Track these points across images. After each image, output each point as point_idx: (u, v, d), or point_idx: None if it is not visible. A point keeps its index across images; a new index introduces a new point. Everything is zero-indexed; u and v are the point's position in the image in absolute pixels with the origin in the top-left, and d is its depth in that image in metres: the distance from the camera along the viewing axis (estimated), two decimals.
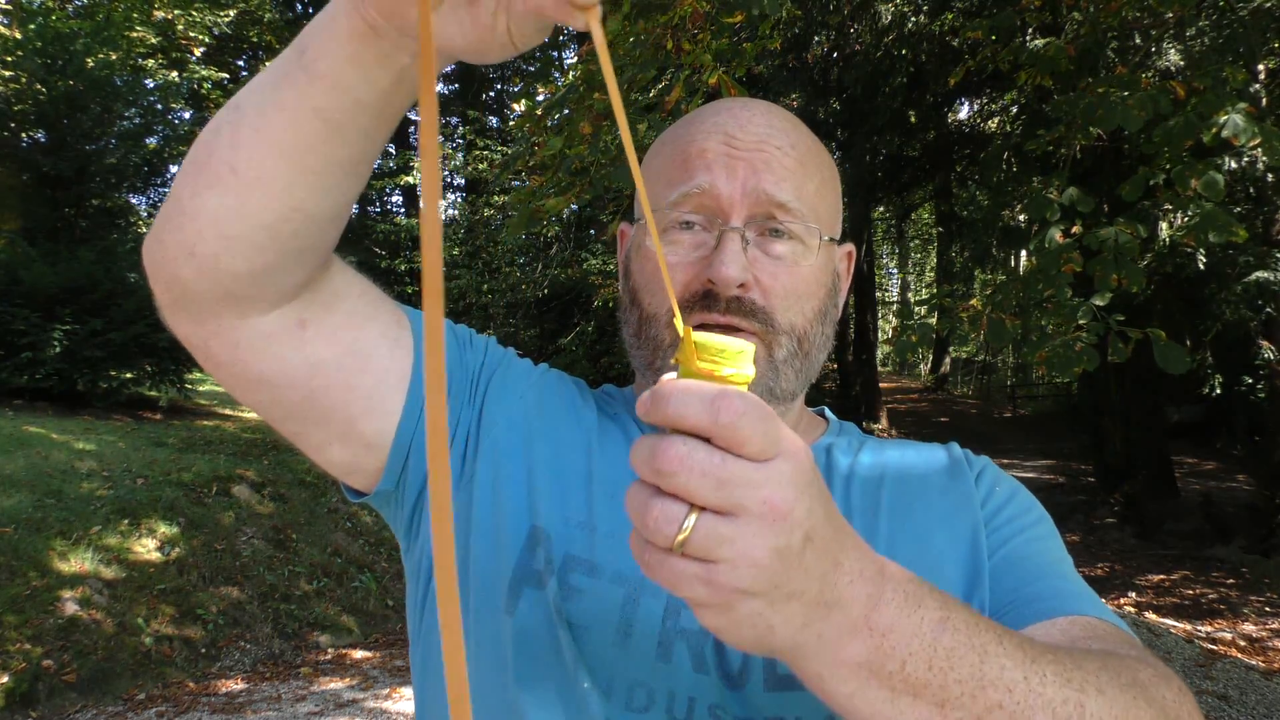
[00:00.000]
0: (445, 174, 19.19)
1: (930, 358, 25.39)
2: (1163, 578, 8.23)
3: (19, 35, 10.16)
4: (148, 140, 10.90)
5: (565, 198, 4.44)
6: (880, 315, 22.17)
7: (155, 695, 4.94)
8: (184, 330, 0.71)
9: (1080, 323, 3.68)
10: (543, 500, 0.78)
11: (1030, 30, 7.20)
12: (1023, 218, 8.52)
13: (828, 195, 0.84)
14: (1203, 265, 8.21)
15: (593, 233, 12.51)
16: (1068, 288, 3.85)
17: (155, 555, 5.91)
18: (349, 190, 0.65)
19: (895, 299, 31.04)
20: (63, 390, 8.54)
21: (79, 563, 5.43)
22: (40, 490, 6.04)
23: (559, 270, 12.94)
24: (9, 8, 12.36)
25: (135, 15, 14.61)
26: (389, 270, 15.69)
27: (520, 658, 0.73)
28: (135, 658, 5.12)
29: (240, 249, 0.64)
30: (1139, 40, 5.84)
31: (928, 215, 22.93)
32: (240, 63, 18.96)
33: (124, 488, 6.47)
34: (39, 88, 9.54)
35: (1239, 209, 8.20)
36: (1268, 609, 7.07)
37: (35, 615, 4.91)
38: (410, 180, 17.77)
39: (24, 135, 9.85)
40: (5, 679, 4.51)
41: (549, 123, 4.59)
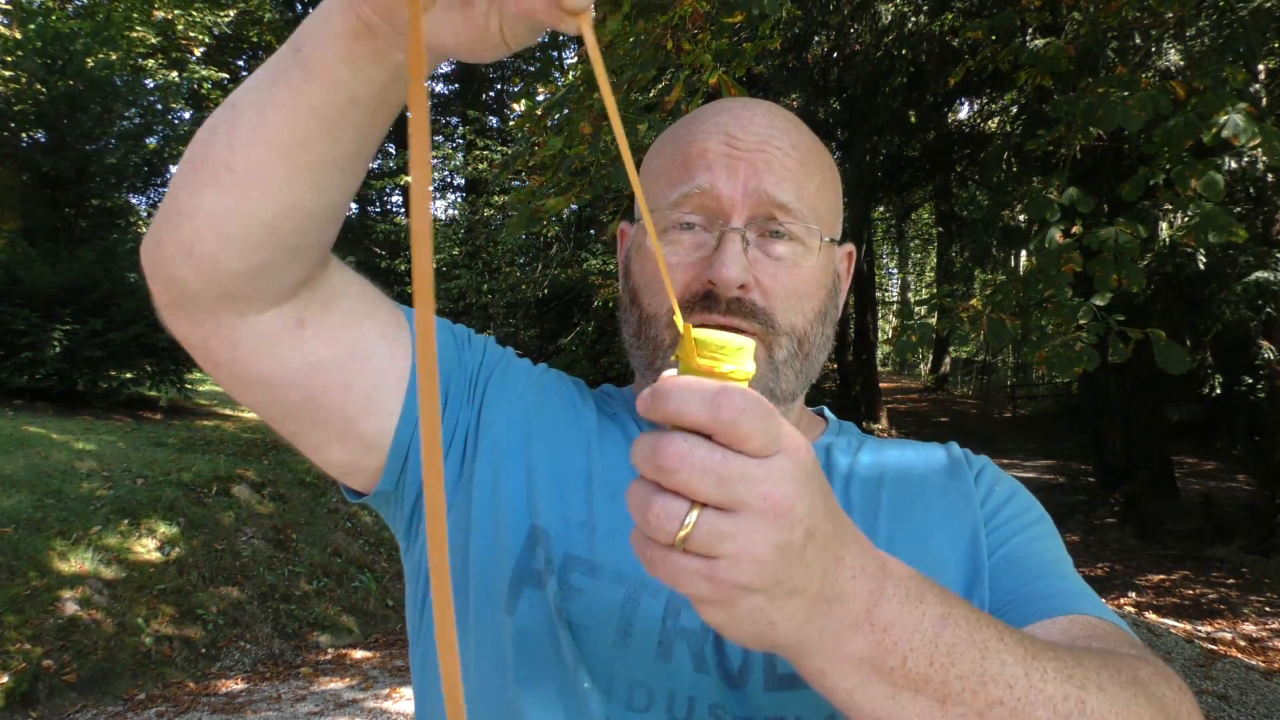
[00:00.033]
0: (445, 174, 19.18)
1: (930, 358, 25.38)
2: (1163, 578, 8.22)
3: (19, 35, 10.16)
4: (148, 140, 10.90)
5: (565, 198, 4.44)
6: (880, 315, 22.17)
7: (155, 695, 4.94)
8: (182, 330, 0.71)
9: (1080, 323, 3.68)
10: (542, 500, 0.78)
11: (1030, 30, 7.20)
12: (1023, 218, 8.51)
13: (828, 196, 0.84)
14: (1203, 265, 8.21)
15: (593, 233, 12.50)
16: (1068, 288, 3.85)
17: (155, 555, 5.90)
18: (346, 187, 0.65)
19: (895, 299, 31.03)
20: (63, 390, 8.54)
21: (79, 563, 5.43)
22: (40, 490, 6.04)
23: (559, 270, 12.93)
24: (9, 8, 12.36)
25: (135, 15, 14.60)
26: (389, 270, 15.68)
27: (520, 657, 0.73)
28: (135, 658, 5.12)
29: (238, 247, 0.64)
30: (1139, 40, 5.84)
31: (928, 215, 22.92)
32: (240, 63, 18.96)
33: (124, 488, 6.47)
34: (39, 88, 9.54)
35: (1239, 209, 8.19)
36: (1268, 609, 7.07)
37: (35, 615, 4.91)
38: (410, 180, 17.75)
39: (24, 135, 9.85)
40: (5, 679, 4.51)
41: (549, 123, 4.59)
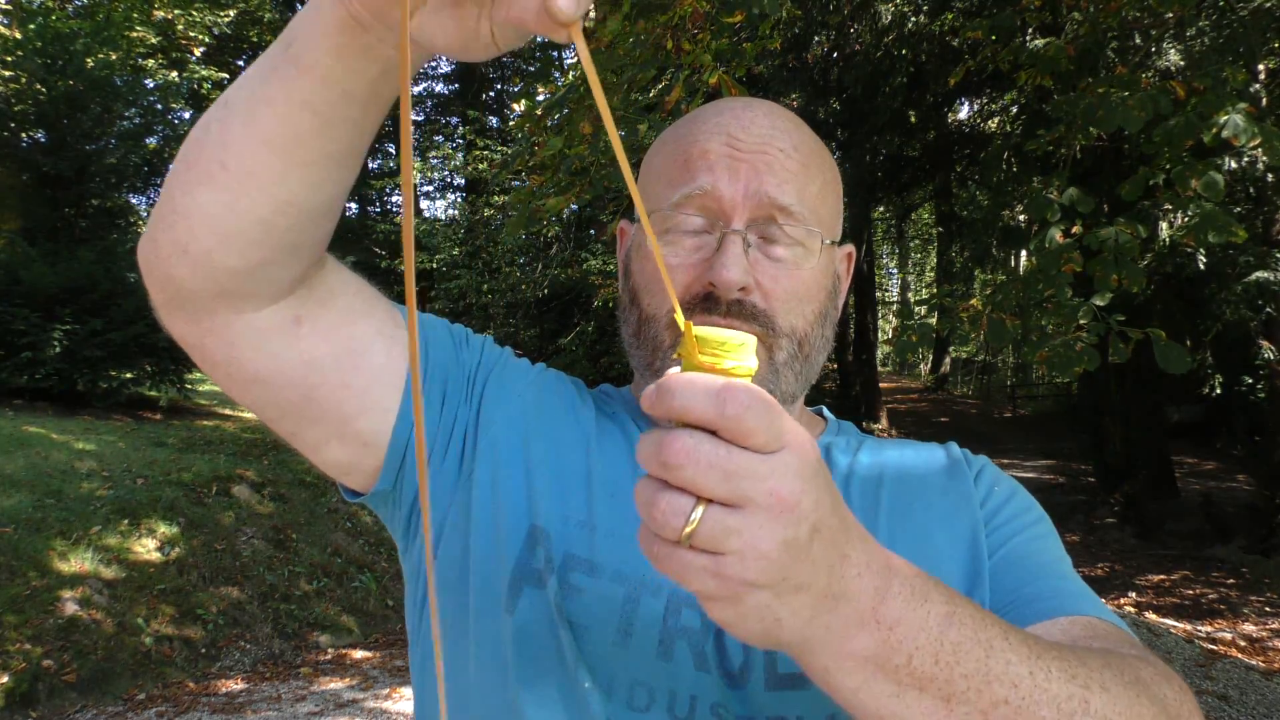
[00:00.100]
0: (445, 174, 19.18)
1: (930, 358, 25.38)
2: (1163, 578, 8.22)
3: (19, 35, 10.16)
4: (148, 140, 10.90)
5: (565, 198, 4.44)
6: (880, 315, 22.16)
7: (155, 695, 4.94)
8: (179, 329, 0.71)
9: (1080, 323, 3.68)
10: (542, 499, 0.78)
11: (1030, 30, 7.20)
12: (1023, 218, 8.51)
13: (829, 197, 0.84)
14: (1203, 265, 8.20)
15: (593, 233, 12.50)
16: (1068, 288, 3.84)
17: (155, 555, 5.90)
18: (341, 183, 0.65)
19: (895, 299, 31.02)
20: (63, 390, 8.54)
21: (79, 563, 5.43)
22: (40, 490, 6.04)
23: (559, 270, 12.92)
24: (9, 8, 12.36)
25: (135, 15, 14.61)
26: (389, 270, 15.68)
27: (520, 657, 0.73)
28: (135, 658, 5.12)
29: (234, 245, 0.64)
30: (1139, 40, 5.83)
31: (928, 215, 22.91)
32: (240, 63, 18.96)
33: (124, 488, 6.47)
34: (39, 88, 9.53)
35: (1239, 209, 8.19)
36: (1268, 609, 7.07)
37: (35, 615, 4.91)
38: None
39: (24, 135, 9.85)
40: (5, 679, 4.51)
41: (549, 123, 4.59)
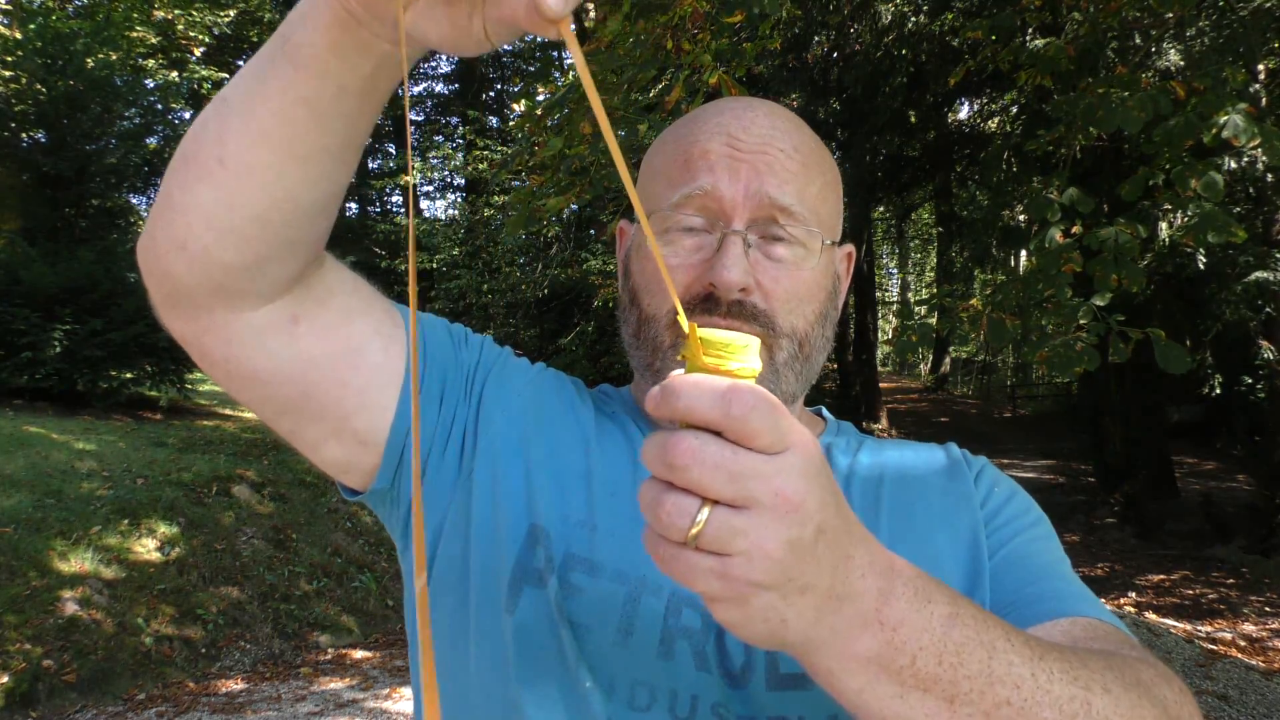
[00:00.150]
0: (445, 174, 19.18)
1: (930, 358, 25.38)
2: (1163, 578, 8.22)
3: (19, 35, 10.16)
4: (148, 140, 10.91)
5: (565, 198, 4.43)
6: (880, 315, 22.16)
7: (155, 695, 4.94)
8: (178, 327, 0.71)
9: (1080, 323, 3.68)
10: (541, 498, 0.78)
11: (1030, 30, 7.20)
12: (1023, 218, 8.51)
13: (829, 198, 0.84)
14: (1203, 265, 8.20)
15: (593, 233, 12.49)
16: (1068, 288, 3.84)
17: (155, 555, 5.90)
18: (338, 178, 0.65)
19: (895, 299, 31.02)
20: (63, 390, 8.54)
21: (79, 563, 5.43)
22: (40, 490, 6.04)
23: (559, 270, 12.92)
24: (9, 8, 12.36)
25: (135, 15, 14.61)
26: (389, 270, 15.69)
27: (521, 656, 0.73)
28: (135, 658, 5.12)
29: (231, 241, 0.64)
30: (1139, 40, 5.83)
31: (928, 215, 22.91)
32: (240, 63, 18.92)
33: (124, 488, 6.47)
34: (39, 88, 9.53)
35: (1239, 209, 8.19)
36: (1268, 609, 7.07)
37: (35, 615, 4.91)
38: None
39: (24, 135, 9.85)
40: (5, 679, 4.51)
41: (549, 123, 4.58)
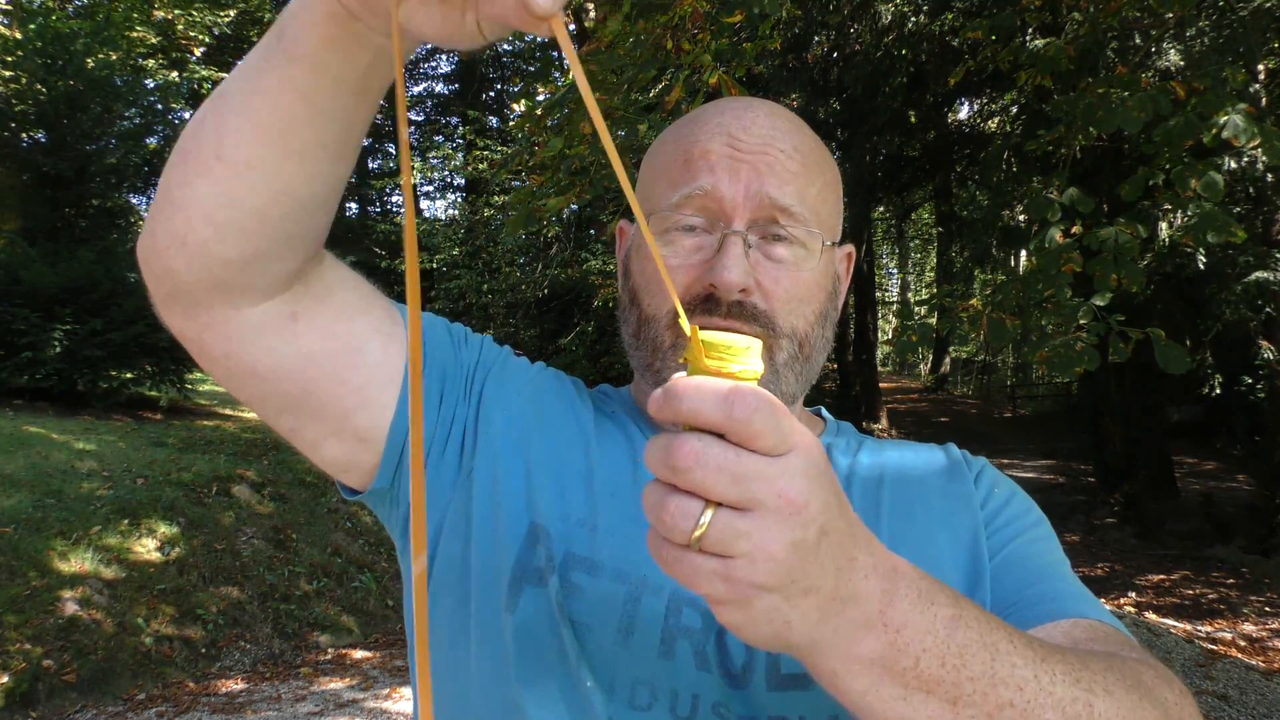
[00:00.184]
0: (445, 174, 19.17)
1: (930, 358, 25.38)
2: (1163, 578, 8.22)
3: (19, 35, 10.16)
4: (148, 140, 10.91)
5: (565, 198, 4.43)
6: (880, 315, 22.16)
7: (155, 695, 4.94)
8: (178, 324, 0.71)
9: (1080, 323, 3.68)
10: (542, 497, 0.78)
11: (1030, 30, 7.19)
12: (1023, 218, 8.50)
13: (830, 198, 0.84)
14: (1203, 265, 8.20)
15: (593, 233, 12.49)
16: (1068, 288, 3.84)
17: (155, 555, 5.90)
18: (336, 172, 0.65)
19: (895, 299, 31.01)
20: (63, 390, 8.54)
21: (79, 563, 5.43)
22: (40, 490, 6.04)
23: (559, 270, 12.91)
24: (9, 8, 12.36)
25: (135, 15, 14.61)
26: (389, 270, 15.69)
27: (522, 656, 0.73)
28: (135, 658, 5.12)
29: (230, 236, 0.64)
30: (1139, 40, 5.83)
31: (928, 215, 22.91)
32: (240, 63, 18.98)
33: (124, 488, 6.47)
34: (39, 88, 9.54)
35: (1239, 209, 8.19)
36: (1268, 609, 7.07)
37: (35, 615, 4.91)
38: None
39: (24, 135, 9.85)
40: (5, 679, 4.51)
41: (549, 123, 4.58)
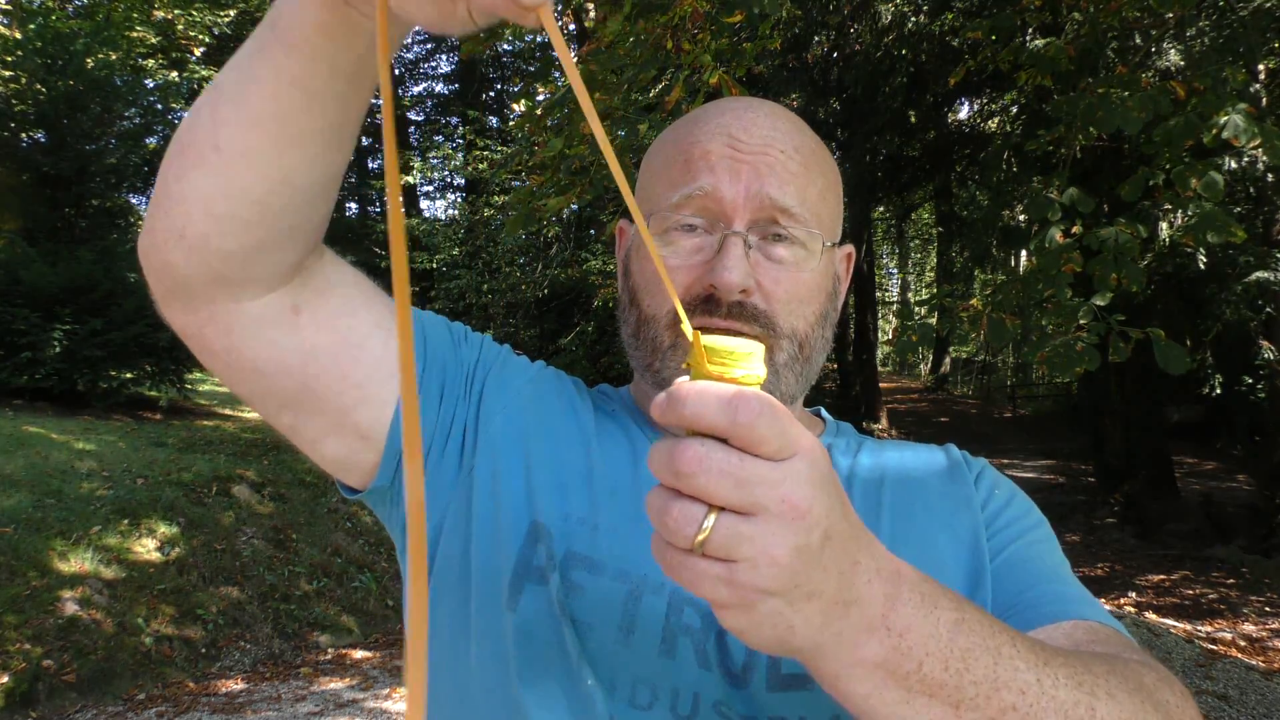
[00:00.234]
0: (445, 174, 19.18)
1: (930, 358, 25.38)
2: (1163, 578, 8.22)
3: (19, 35, 10.16)
4: (148, 140, 10.89)
5: (565, 198, 4.43)
6: (880, 315, 22.16)
7: (155, 695, 4.94)
8: (179, 320, 0.71)
9: (1080, 323, 3.68)
10: (543, 496, 0.78)
11: (1030, 30, 7.20)
12: (1023, 218, 8.51)
13: (830, 199, 0.84)
14: (1203, 265, 8.20)
15: (593, 233, 12.50)
16: (1068, 288, 3.85)
17: (155, 555, 5.90)
18: (333, 161, 0.65)
19: (895, 299, 31.00)
20: (63, 390, 8.54)
21: (79, 563, 5.43)
22: (40, 490, 6.04)
23: (559, 270, 12.92)
24: (9, 8, 12.36)
25: (135, 15, 14.61)
26: (389, 270, 15.64)
27: (523, 654, 0.73)
28: (135, 658, 5.12)
29: (229, 227, 0.63)
30: (1139, 40, 5.82)
31: (928, 215, 22.91)
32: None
33: (124, 488, 6.46)
34: (39, 88, 9.53)
35: (1239, 209, 8.19)
36: (1268, 609, 7.07)
37: (35, 615, 4.91)
38: (410, 180, 17.77)
39: (24, 135, 9.84)
40: (5, 679, 4.51)
41: (549, 123, 4.58)
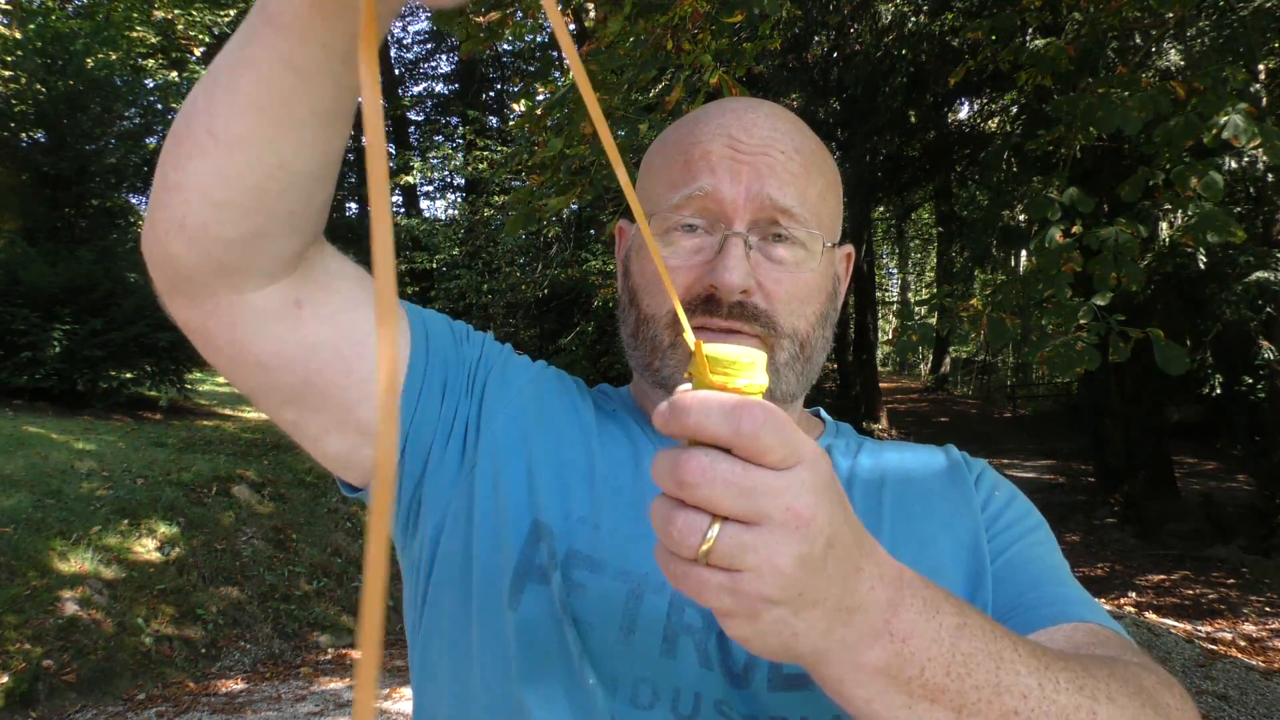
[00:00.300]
0: (445, 174, 19.17)
1: (930, 358, 25.39)
2: (1163, 578, 8.22)
3: (19, 35, 10.16)
4: (148, 140, 10.89)
5: (565, 198, 4.43)
6: (880, 315, 22.16)
7: (155, 695, 4.94)
8: (183, 314, 0.70)
9: (1080, 323, 3.68)
10: (544, 494, 0.78)
11: (1030, 30, 7.20)
12: (1023, 218, 8.51)
13: (830, 199, 0.84)
14: (1203, 265, 8.20)
15: (593, 233, 12.50)
16: (1068, 288, 3.85)
17: (155, 555, 5.90)
18: (331, 144, 0.64)
19: (895, 299, 31.01)
20: (63, 390, 8.54)
21: (79, 563, 5.43)
22: (40, 490, 6.04)
23: (559, 270, 12.92)
24: (9, 8, 12.36)
25: (135, 15, 14.60)
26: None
27: (524, 653, 0.73)
28: (135, 658, 5.12)
29: (229, 215, 0.63)
30: (1139, 40, 5.83)
31: (928, 215, 22.91)
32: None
33: (124, 488, 6.46)
34: (39, 88, 9.54)
35: (1239, 209, 8.20)
36: (1268, 609, 7.07)
37: (35, 615, 4.91)
38: (410, 180, 17.75)
39: (24, 135, 9.85)
40: (5, 679, 4.51)
41: (549, 123, 4.58)
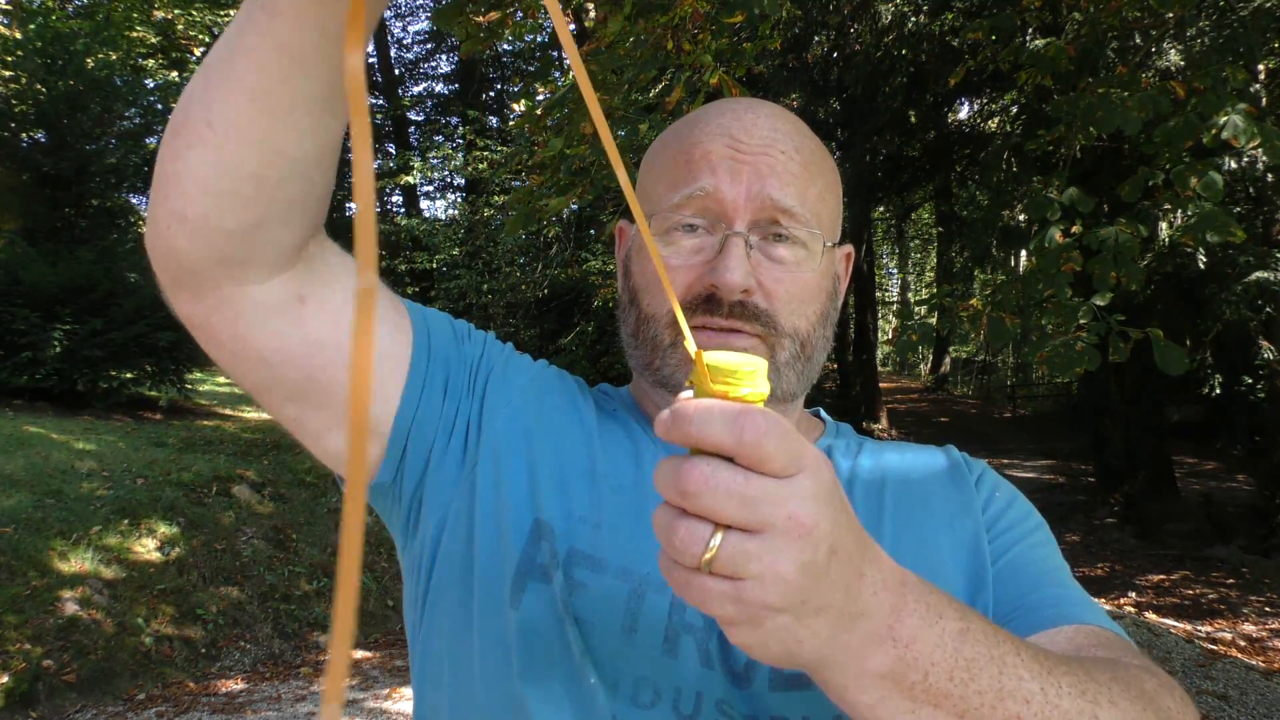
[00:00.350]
0: (445, 174, 19.16)
1: (930, 358, 25.39)
2: (1163, 578, 8.22)
3: (19, 35, 10.16)
4: (148, 140, 10.88)
5: (565, 198, 4.43)
6: (880, 315, 22.16)
7: (155, 695, 4.94)
8: (186, 309, 0.70)
9: (1080, 322, 3.68)
10: (545, 494, 0.78)
11: (1030, 30, 7.19)
12: (1023, 218, 8.51)
13: (830, 199, 0.84)
14: (1203, 265, 8.20)
15: (593, 233, 12.50)
16: (1068, 287, 3.85)
17: (155, 555, 5.90)
18: (329, 130, 0.64)
19: (895, 299, 31.01)
20: (63, 390, 8.53)
21: (79, 563, 5.43)
22: (40, 490, 6.04)
23: (559, 270, 12.91)
24: (9, 8, 12.36)
25: (135, 15, 14.61)
26: (389, 270, 15.69)
27: (525, 652, 0.73)
28: (135, 658, 5.12)
29: (229, 204, 0.63)
30: (1139, 40, 5.82)
31: (928, 215, 22.91)
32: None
33: (124, 488, 6.46)
34: (39, 88, 9.54)
35: (1239, 209, 8.19)
36: (1268, 609, 7.07)
37: (35, 615, 4.91)
38: (410, 180, 17.75)
39: (24, 135, 9.84)
40: (5, 679, 4.51)
41: (549, 122, 4.58)
